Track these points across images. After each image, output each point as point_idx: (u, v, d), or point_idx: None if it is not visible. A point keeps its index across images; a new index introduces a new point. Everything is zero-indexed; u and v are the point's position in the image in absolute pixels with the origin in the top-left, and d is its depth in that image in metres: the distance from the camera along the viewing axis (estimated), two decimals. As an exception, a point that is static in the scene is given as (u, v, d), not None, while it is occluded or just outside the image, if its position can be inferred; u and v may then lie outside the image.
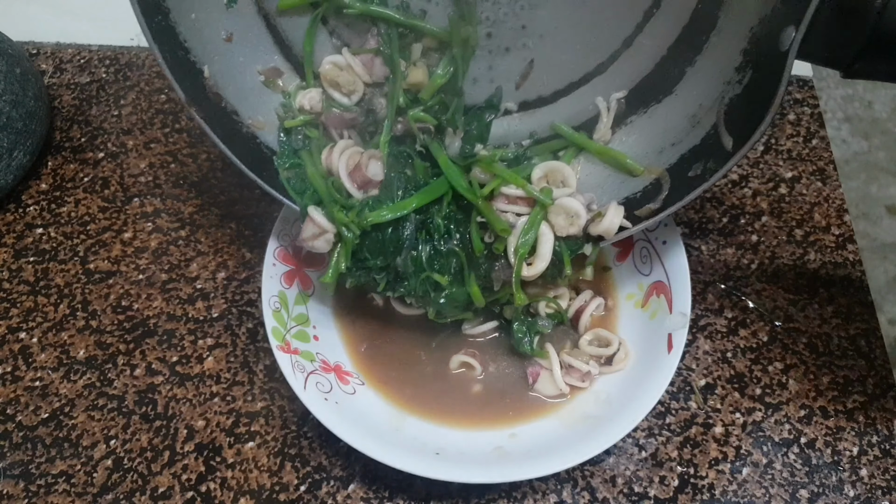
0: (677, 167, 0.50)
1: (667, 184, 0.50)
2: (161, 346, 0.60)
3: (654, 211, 0.50)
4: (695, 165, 0.49)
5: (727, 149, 0.46)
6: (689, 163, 0.49)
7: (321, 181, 0.51)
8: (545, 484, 0.53)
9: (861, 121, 1.45)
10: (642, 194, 0.52)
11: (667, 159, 0.51)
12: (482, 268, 0.51)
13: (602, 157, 0.53)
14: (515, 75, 0.53)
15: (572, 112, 0.54)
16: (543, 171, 0.52)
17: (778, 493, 0.53)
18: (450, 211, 0.51)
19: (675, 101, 0.51)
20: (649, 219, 0.50)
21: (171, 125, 0.72)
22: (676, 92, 0.51)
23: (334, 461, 0.54)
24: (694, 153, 0.49)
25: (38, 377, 0.59)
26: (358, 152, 0.52)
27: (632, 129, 0.53)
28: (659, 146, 0.52)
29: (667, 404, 0.57)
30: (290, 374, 0.50)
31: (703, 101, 0.49)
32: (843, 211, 0.66)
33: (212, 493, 0.53)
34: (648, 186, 0.52)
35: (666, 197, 0.50)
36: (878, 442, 0.55)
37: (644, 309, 0.56)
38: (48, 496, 0.54)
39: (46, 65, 0.77)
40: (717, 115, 0.48)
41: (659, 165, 0.51)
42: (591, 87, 0.53)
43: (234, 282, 0.63)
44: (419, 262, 0.51)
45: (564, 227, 0.50)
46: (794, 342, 0.60)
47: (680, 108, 0.51)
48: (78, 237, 0.66)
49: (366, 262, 0.51)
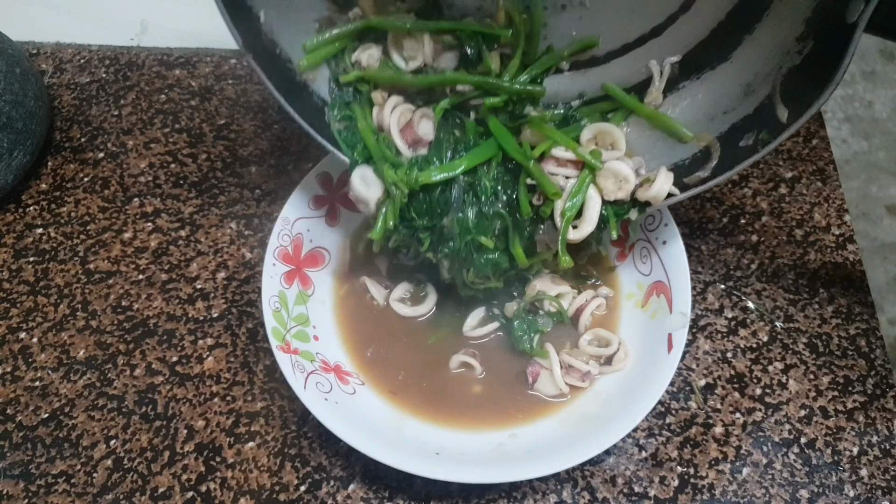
0: (728, 136, 0.50)
1: (716, 152, 0.50)
2: (161, 346, 0.60)
3: (704, 179, 0.50)
4: (746, 135, 0.48)
5: (781, 120, 0.45)
6: (741, 132, 0.49)
7: (372, 136, 0.51)
8: (545, 484, 0.53)
9: (861, 121, 1.45)
10: (691, 161, 0.51)
11: (717, 127, 0.51)
12: (527, 230, 0.51)
13: (652, 121, 0.52)
14: (570, 33, 0.52)
15: (624, 74, 0.54)
16: (593, 133, 0.52)
17: (778, 493, 0.53)
18: (498, 173, 0.51)
19: (730, 68, 0.50)
20: (698, 187, 0.49)
21: (171, 125, 0.72)
22: (732, 59, 0.50)
23: (334, 461, 0.54)
24: (746, 122, 0.49)
25: (38, 377, 0.59)
26: (409, 110, 0.51)
27: (683, 94, 0.53)
28: (710, 113, 0.51)
29: (667, 404, 0.57)
30: (290, 374, 0.50)
31: (759, 69, 0.48)
32: (843, 211, 0.66)
33: (212, 493, 0.53)
34: (697, 154, 0.51)
35: (715, 166, 0.50)
36: (878, 442, 0.55)
37: (644, 309, 0.56)
38: (48, 496, 0.54)
39: (46, 65, 0.77)
40: (773, 85, 0.47)
41: (709, 133, 0.51)
42: (645, 49, 0.52)
43: (234, 282, 0.63)
44: (465, 224, 0.50)
45: (612, 192, 0.50)
46: (794, 342, 0.60)
47: (734, 75, 0.50)
48: (78, 237, 0.66)
49: (412, 223, 0.51)
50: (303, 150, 0.70)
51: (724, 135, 0.50)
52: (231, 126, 0.72)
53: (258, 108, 0.73)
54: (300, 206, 0.58)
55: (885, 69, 1.53)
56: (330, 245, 0.59)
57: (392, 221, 0.50)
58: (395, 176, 0.49)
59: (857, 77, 1.52)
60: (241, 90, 0.75)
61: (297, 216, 0.58)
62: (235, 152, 0.70)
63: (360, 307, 0.58)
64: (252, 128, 0.72)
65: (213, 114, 0.73)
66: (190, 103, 0.74)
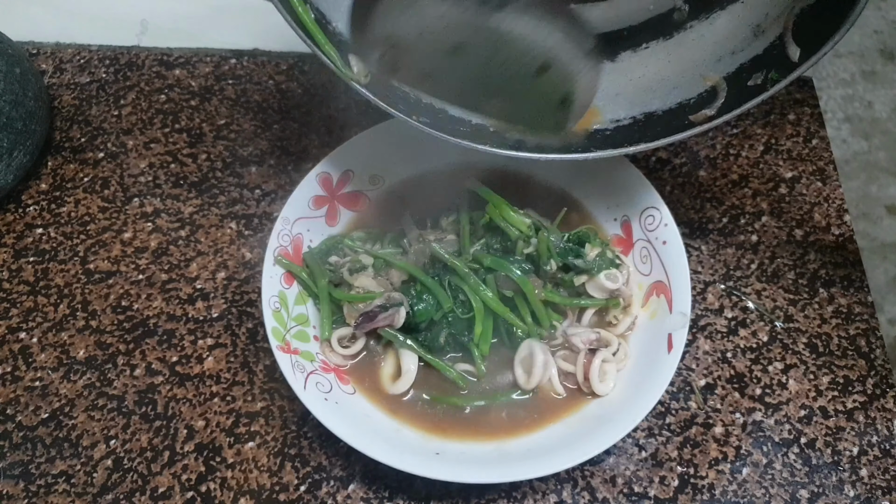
0: (735, 76, 0.50)
1: (723, 91, 0.50)
2: (161, 346, 0.60)
3: (710, 118, 0.50)
4: (755, 75, 0.48)
5: (793, 59, 0.45)
6: (749, 72, 0.49)
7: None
8: (545, 484, 0.53)
9: (861, 121, 1.45)
10: (696, 100, 0.51)
11: (724, 68, 0.51)
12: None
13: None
14: None
15: (631, 10, 0.54)
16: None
17: (778, 493, 0.53)
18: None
19: (741, 9, 0.50)
20: (704, 125, 0.49)
21: (171, 125, 0.72)
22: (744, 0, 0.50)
23: (334, 461, 0.54)
24: (755, 62, 0.49)
25: (38, 377, 0.59)
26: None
27: (691, 33, 0.53)
28: (717, 54, 0.51)
29: (667, 404, 0.57)
30: (290, 374, 0.50)
31: (771, 10, 0.48)
32: (843, 211, 0.66)
33: (212, 493, 0.53)
34: (703, 93, 0.51)
35: (722, 105, 0.50)
36: (878, 442, 0.55)
37: (644, 309, 0.56)
38: (48, 496, 0.54)
39: (46, 65, 0.77)
40: (785, 25, 0.47)
41: (716, 73, 0.51)
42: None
43: (234, 282, 0.63)
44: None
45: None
46: (794, 342, 0.60)
47: (745, 16, 0.50)
48: (78, 237, 0.66)
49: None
50: (303, 151, 0.70)
51: (731, 75, 0.50)
52: (231, 126, 0.72)
53: (258, 108, 0.73)
54: (300, 206, 0.58)
55: (885, 69, 1.52)
56: (330, 245, 0.60)
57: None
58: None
59: (857, 77, 1.51)
60: (241, 90, 0.75)
61: (297, 216, 0.58)
62: (235, 152, 0.70)
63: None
64: (252, 128, 0.72)
65: (213, 114, 0.73)
66: (190, 103, 0.74)
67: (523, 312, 0.54)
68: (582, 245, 0.57)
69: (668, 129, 0.51)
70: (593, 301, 0.56)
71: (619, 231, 0.59)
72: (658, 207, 0.57)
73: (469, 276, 0.53)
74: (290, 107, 0.73)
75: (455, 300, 0.54)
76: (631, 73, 0.54)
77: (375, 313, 0.53)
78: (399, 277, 0.55)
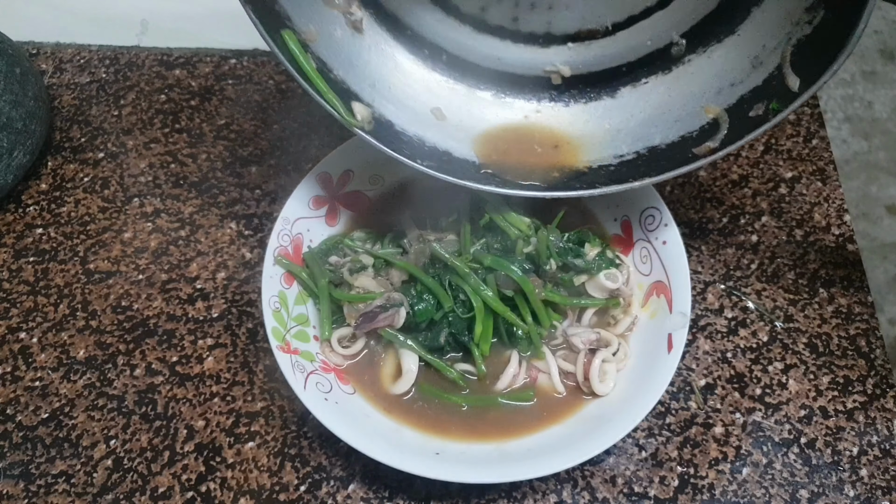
0: (736, 107, 0.50)
1: (725, 123, 0.50)
2: (161, 346, 0.60)
3: (713, 150, 0.50)
4: (756, 106, 0.49)
5: (793, 89, 0.45)
6: (750, 103, 0.49)
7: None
8: (545, 484, 0.53)
9: (861, 121, 1.45)
10: (699, 133, 0.52)
11: (725, 99, 0.51)
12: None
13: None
14: (578, 4, 0.53)
15: (631, 45, 0.54)
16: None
17: (778, 493, 0.53)
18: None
19: (738, 41, 0.51)
20: (707, 157, 0.50)
21: (171, 125, 0.72)
22: (739, 32, 0.50)
23: (334, 461, 0.54)
24: (755, 93, 0.49)
25: (38, 377, 0.59)
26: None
27: (690, 67, 0.53)
28: (717, 86, 0.52)
29: (667, 404, 0.57)
30: (290, 374, 0.50)
31: (768, 42, 0.48)
32: (843, 211, 0.66)
33: (212, 493, 0.53)
34: (705, 126, 0.51)
35: (724, 136, 0.50)
36: (878, 442, 0.55)
37: (644, 309, 0.56)
38: (48, 496, 0.54)
39: (46, 65, 0.77)
40: (783, 55, 0.47)
41: (717, 105, 0.51)
42: (650, 22, 0.53)
43: (234, 282, 0.63)
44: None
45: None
46: (794, 342, 0.60)
47: (742, 48, 0.50)
48: (78, 237, 0.66)
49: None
50: (302, 151, 0.70)
51: (733, 106, 0.50)
52: (231, 126, 0.72)
53: (258, 108, 0.73)
54: (300, 206, 0.58)
55: (885, 69, 1.53)
56: (330, 245, 0.59)
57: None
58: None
59: (857, 77, 1.52)
60: (241, 90, 0.75)
61: (297, 216, 0.58)
62: (235, 152, 0.70)
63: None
64: (252, 128, 0.72)
65: (213, 114, 0.73)
66: (190, 103, 0.74)
67: (523, 312, 0.54)
68: (581, 245, 0.57)
69: (673, 163, 0.52)
70: (593, 301, 0.56)
71: (619, 231, 0.59)
72: (658, 207, 0.57)
73: (469, 275, 0.53)
74: (290, 107, 0.73)
75: (455, 300, 0.54)
76: (632, 109, 0.55)
77: (375, 314, 0.53)
78: (399, 277, 0.55)
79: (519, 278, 0.53)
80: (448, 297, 0.53)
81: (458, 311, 0.53)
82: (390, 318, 0.53)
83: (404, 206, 0.60)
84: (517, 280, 0.53)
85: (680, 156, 0.52)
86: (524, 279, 0.53)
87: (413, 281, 0.55)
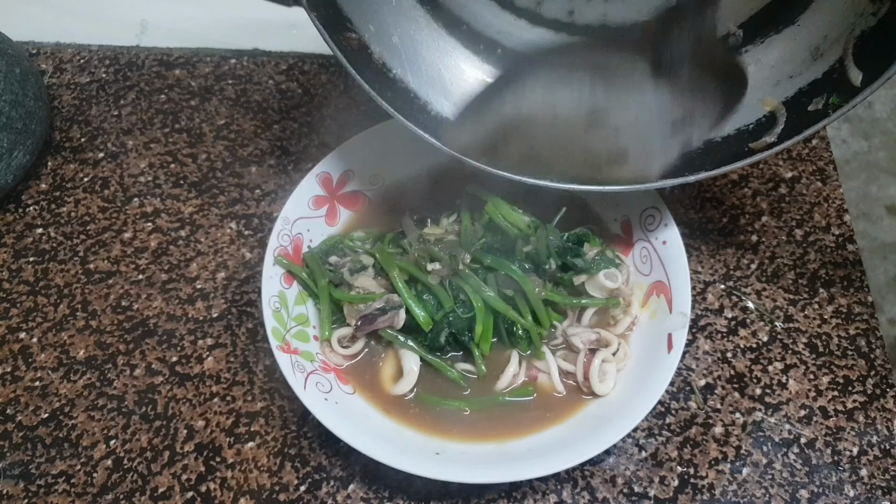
0: (794, 101, 0.49)
1: (782, 117, 0.49)
2: (161, 346, 0.60)
3: (770, 144, 0.49)
4: (815, 99, 0.47)
5: (854, 83, 0.44)
6: (809, 96, 0.48)
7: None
8: (545, 484, 0.53)
9: (861, 121, 1.45)
10: (755, 127, 0.51)
11: (783, 92, 0.50)
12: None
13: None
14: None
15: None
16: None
17: (778, 493, 0.53)
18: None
19: (797, 31, 0.49)
20: (765, 152, 0.49)
21: (171, 125, 0.72)
22: (800, 22, 0.49)
23: (334, 461, 0.54)
24: (814, 87, 0.48)
25: (38, 377, 0.59)
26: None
27: (746, 58, 0.52)
28: (775, 78, 0.51)
29: (667, 404, 0.57)
30: (290, 374, 0.50)
31: (829, 32, 0.47)
32: (843, 211, 0.66)
33: (212, 493, 0.53)
34: (762, 119, 0.50)
35: (782, 131, 0.49)
36: (878, 442, 0.55)
37: (644, 309, 0.56)
38: (48, 496, 0.54)
39: (46, 65, 0.77)
40: (844, 48, 0.46)
41: (774, 98, 0.50)
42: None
43: (234, 282, 0.63)
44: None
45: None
46: (793, 342, 0.60)
47: (802, 39, 0.49)
48: (78, 237, 0.66)
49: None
50: (303, 150, 0.70)
51: (791, 99, 0.49)
52: (231, 126, 0.72)
53: (258, 108, 0.73)
54: (300, 206, 0.58)
55: (885, 69, 1.52)
56: (330, 245, 0.59)
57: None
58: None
59: (857, 77, 1.51)
60: (241, 90, 0.75)
61: (297, 216, 0.58)
62: (235, 152, 0.70)
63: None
64: (252, 128, 0.72)
65: (213, 114, 0.73)
66: (190, 103, 0.74)
67: (523, 312, 0.54)
68: (581, 244, 0.57)
69: (729, 157, 0.51)
70: (593, 301, 0.56)
71: (619, 231, 0.60)
72: (658, 207, 0.57)
73: (470, 275, 0.53)
74: (290, 107, 0.73)
75: (455, 300, 0.54)
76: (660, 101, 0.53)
77: (375, 316, 0.53)
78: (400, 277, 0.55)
79: (519, 277, 0.53)
80: (449, 297, 0.53)
81: (458, 311, 0.53)
82: (389, 320, 0.53)
83: (404, 206, 0.60)
84: (517, 279, 0.53)
85: (736, 149, 0.51)
86: (524, 278, 0.53)
87: (413, 281, 0.55)
